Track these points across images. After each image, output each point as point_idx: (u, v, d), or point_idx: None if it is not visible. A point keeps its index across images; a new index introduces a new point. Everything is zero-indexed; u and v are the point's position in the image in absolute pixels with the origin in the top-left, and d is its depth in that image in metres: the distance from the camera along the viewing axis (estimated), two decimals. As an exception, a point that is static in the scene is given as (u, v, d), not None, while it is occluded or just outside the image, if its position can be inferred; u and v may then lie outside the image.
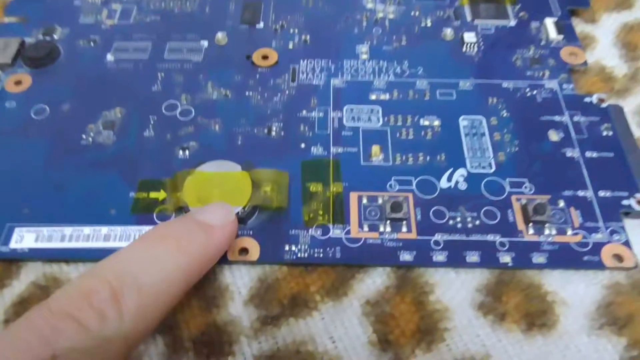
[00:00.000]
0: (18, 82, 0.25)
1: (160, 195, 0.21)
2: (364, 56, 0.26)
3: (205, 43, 0.26)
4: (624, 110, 0.23)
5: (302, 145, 0.22)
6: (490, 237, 0.20)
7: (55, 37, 0.27)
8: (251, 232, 0.20)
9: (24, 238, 0.20)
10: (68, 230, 0.20)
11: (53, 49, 0.26)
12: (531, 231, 0.20)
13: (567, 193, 0.21)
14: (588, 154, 0.22)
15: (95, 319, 0.13)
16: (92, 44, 0.26)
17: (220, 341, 0.18)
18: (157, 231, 0.17)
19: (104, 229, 0.20)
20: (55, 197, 0.21)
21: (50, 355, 0.12)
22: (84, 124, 0.23)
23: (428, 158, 0.22)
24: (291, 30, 0.27)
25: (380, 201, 0.21)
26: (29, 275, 0.20)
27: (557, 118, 0.23)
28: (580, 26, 0.28)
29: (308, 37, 0.26)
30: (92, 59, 0.26)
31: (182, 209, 0.20)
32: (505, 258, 0.19)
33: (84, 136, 0.23)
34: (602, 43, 0.27)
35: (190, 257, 0.16)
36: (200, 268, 0.17)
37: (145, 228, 0.20)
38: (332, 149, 0.22)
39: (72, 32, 0.27)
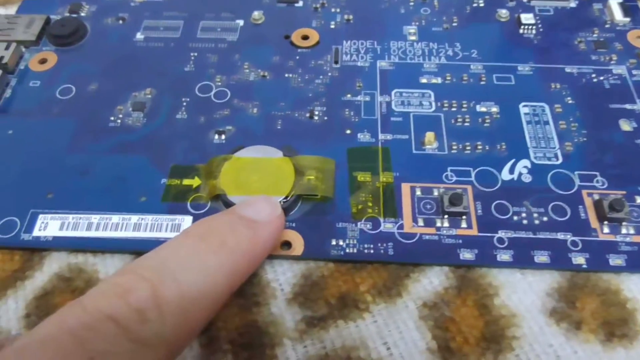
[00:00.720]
0: (43, 61, 0.23)
1: (194, 182, 0.19)
2: (412, 37, 0.24)
3: (240, 22, 0.25)
4: (702, 99, 0.21)
5: (348, 131, 0.20)
6: (560, 236, 0.18)
7: (82, 14, 0.25)
8: (294, 225, 0.18)
9: (48, 225, 0.18)
10: (95, 218, 0.18)
11: (80, 27, 0.24)
12: (606, 230, 0.18)
13: (645, 188, 0.19)
14: (667, 145, 0.20)
15: (135, 320, 0.12)
16: (120, 21, 0.25)
17: (262, 343, 0.16)
18: (199, 228, 0.15)
19: (134, 218, 0.18)
20: (81, 182, 0.19)
21: (86, 357, 0.10)
22: (112, 105, 0.22)
23: (487, 147, 0.20)
24: (332, 9, 0.25)
25: (436, 193, 0.19)
26: (52, 265, 0.18)
27: (628, 106, 0.21)
28: (645, 9, 0.25)
29: (351, 16, 0.25)
30: (120, 38, 0.24)
31: (218, 198, 0.18)
32: (579, 259, 0.17)
33: (112, 118, 0.21)
34: (671, 27, 0.25)
35: (235, 256, 0.14)
36: (246, 268, 0.15)
37: (178, 217, 0.18)
38: (381, 136, 0.20)
39: (100, 9, 0.26)
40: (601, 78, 0.22)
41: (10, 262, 0.18)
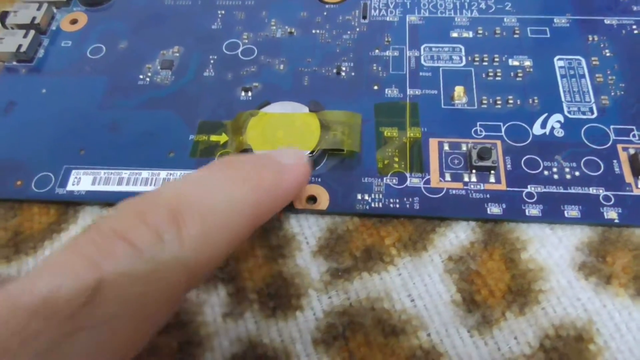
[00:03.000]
0: (74, 21, 0.24)
1: (222, 138, 0.19)
2: (443, -10, 0.23)
3: (268, -22, 0.24)
4: None
5: (375, 87, 0.20)
6: (592, 191, 0.17)
7: (111, -27, 0.25)
8: (320, 179, 0.18)
9: (81, 180, 0.19)
10: (126, 173, 0.19)
11: (109, -14, 0.24)
12: (642, 184, 0.17)
13: (685, 142, 0.18)
14: None
15: (150, 240, 0.11)
16: (148, -20, 0.25)
17: (287, 294, 0.16)
18: (224, 161, 0.15)
19: (163, 173, 0.19)
20: (112, 138, 0.20)
21: (96, 278, 0.10)
22: (141, 64, 0.22)
23: (519, 102, 0.19)
24: (361, -36, 0.24)
25: (464, 148, 0.18)
26: (85, 219, 0.19)
27: (671, 57, 0.20)
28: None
29: (380, -30, 0.24)
30: (148, -3, 0.24)
31: (245, 152, 0.19)
32: (612, 214, 0.17)
33: (141, 76, 0.22)
34: None
35: (258, 192, 0.14)
36: (269, 206, 0.14)
37: (206, 172, 0.19)
38: (409, 91, 0.20)
39: (128, -32, 0.26)
40: (643, 29, 0.21)
41: (46, 215, 0.19)
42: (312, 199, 0.18)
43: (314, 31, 0.22)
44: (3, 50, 0.22)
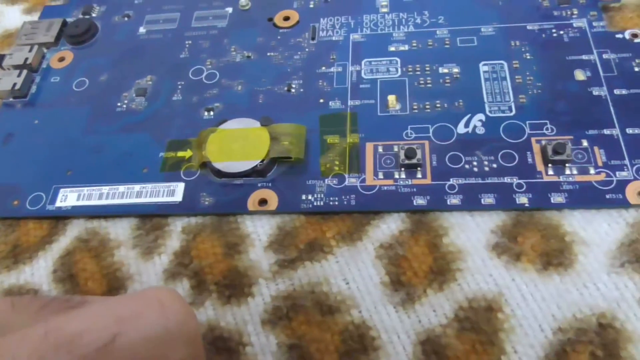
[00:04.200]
0: (61, 59, 0.27)
1: (187, 153, 0.22)
2: (384, 9, 0.25)
3: (229, 9, 0.27)
4: (659, 45, 0.22)
5: (321, 100, 0.23)
6: (507, 180, 0.19)
7: (94, 14, 0.29)
8: (270, 184, 0.21)
9: (68, 197, 0.22)
10: (105, 189, 0.22)
11: (91, 26, 0.28)
12: (551, 172, 0.19)
13: (591, 132, 0.20)
14: (617, 91, 0.21)
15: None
16: (126, 18, 0.28)
17: (241, 284, 0.19)
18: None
19: (137, 187, 0.22)
20: (94, 159, 0.23)
21: (114, 332, 0.12)
22: (119, 93, 0.25)
23: (446, 105, 0.22)
24: (312, -10, 0.27)
25: (395, 149, 0.21)
26: (73, 230, 0.22)
27: (584, 57, 0.22)
28: (618, -39, 0.26)
29: (329, -5, 0.27)
30: (126, 33, 0.27)
31: (205, 165, 0.21)
32: (522, 199, 0.19)
33: (119, 104, 0.24)
34: (641, -23, 0.25)
35: None
36: None
37: (172, 184, 0.21)
38: (350, 102, 0.22)
39: (109, 8, 0.29)
40: (561, 32, 0.23)
41: (39, 229, 0.22)
42: (264, 201, 0.20)
43: (268, 54, 0.25)
44: (1, 89, 0.25)
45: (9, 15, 0.31)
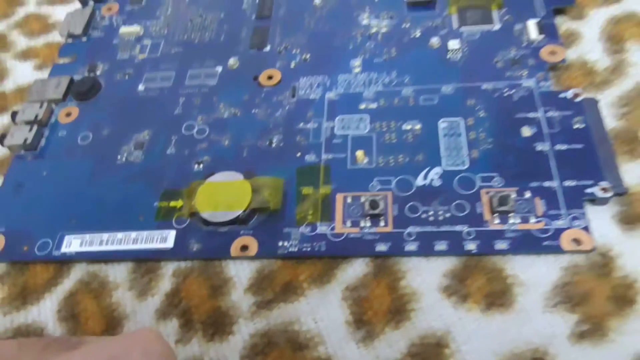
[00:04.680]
0: (68, 114, 0.30)
1: (178, 203, 0.25)
2: (357, 69, 0.28)
3: (219, 68, 0.30)
4: (597, 103, 0.25)
5: (298, 154, 0.26)
6: (458, 228, 0.22)
7: (98, 72, 0.32)
8: (251, 232, 0.23)
9: (72, 244, 0.25)
10: (105, 235, 0.24)
11: (95, 84, 0.31)
12: (497, 221, 0.22)
13: (533, 184, 0.23)
14: (558, 146, 0.24)
15: None
16: (127, 76, 0.31)
17: (224, 323, 0.21)
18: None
19: (133, 234, 0.24)
20: (96, 208, 0.26)
21: None
22: (119, 146, 0.28)
23: (407, 159, 0.24)
24: (294, 51, 0.30)
25: (362, 200, 0.23)
26: (76, 273, 0.24)
27: (531, 114, 0.25)
28: (566, 24, 0.29)
29: (308, 55, 0.30)
30: (127, 90, 0.30)
31: (194, 214, 0.24)
32: (470, 245, 0.21)
33: (119, 157, 0.27)
34: (586, 38, 0.28)
35: None
36: None
37: (165, 232, 0.24)
38: (324, 156, 0.25)
39: (111, 67, 0.32)
40: (512, 92, 0.26)
41: (46, 273, 0.24)
42: (245, 247, 0.23)
43: (253, 110, 0.28)
44: (14, 143, 0.28)
45: (21, 71, 0.34)
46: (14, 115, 0.30)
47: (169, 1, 0.35)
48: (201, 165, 0.26)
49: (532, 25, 0.28)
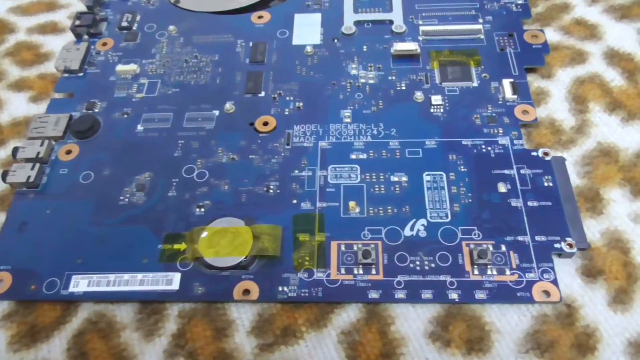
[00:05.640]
0: (68, 152, 0.31)
1: (182, 246, 0.27)
2: (347, 120, 0.31)
3: (216, 112, 0.32)
4: (565, 162, 0.28)
5: (294, 201, 0.28)
6: (442, 277, 0.24)
7: (96, 110, 0.33)
8: (252, 277, 0.25)
9: (79, 283, 0.26)
10: (112, 276, 0.26)
11: (95, 122, 0.32)
12: (476, 272, 0.24)
13: (508, 238, 0.25)
14: (530, 203, 0.26)
15: None
16: (125, 115, 0.32)
17: (228, 364, 0.23)
18: None
19: (139, 275, 0.26)
20: (100, 249, 0.27)
21: None
22: (121, 187, 0.29)
23: (395, 210, 0.27)
24: (287, 98, 0.32)
25: (355, 248, 0.26)
26: (83, 313, 0.26)
27: (506, 171, 0.28)
28: (536, 82, 0.32)
29: (301, 104, 0.32)
30: (126, 130, 0.32)
31: (198, 259, 0.26)
32: (453, 295, 0.24)
33: (121, 198, 0.29)
34: (555, 97, 0.31)
35: None
36: None
37: (170, 274, 0.26)
38: (318, 204, 0.27)
39: (109, 105, 0.33)
40: (489, 148, 0.29)
41: (54, 312, 0.26)
42: (247, 291, 0.25)
43: (250, 156, 0.30)
44: (16, 180, 0.29)
45: (15, 103, 0.35)
46: (15, 151, 0.30)
47: (164, 40, 0.36)
48: (202, 210, 0.28)
49: (507, 85, 0.31)
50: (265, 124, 0.31)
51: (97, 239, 0.27)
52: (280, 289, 0.25)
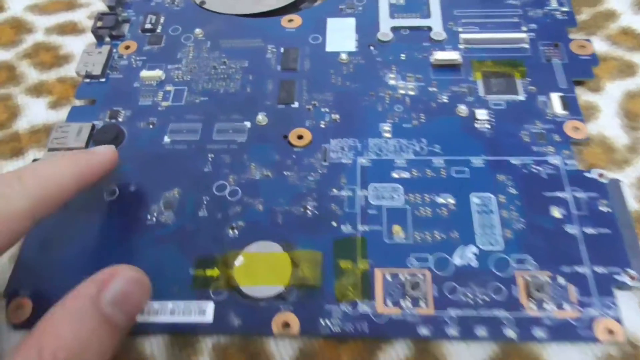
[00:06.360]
0: (90, 165, 0.29)
1: (215, 272, 0.25)
2: (387, 134, 0.29)
3: (248, 124, 0.30)
4: (621, 185, 0.26)
5: (334, 224, 0.26)
6: (496, 312, 0.23)
7: (120, 119, 0.31)
8: (292, 308, 0.24)
9: (106, 311, 0.24)
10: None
11: (119, 133, 0.30)
12: (532, 306, 0.23)
13: (565, 269, 0.24)
14: (586, 230, 0.25)
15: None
16: (150, 126, 0.30)
17: (269, 404, 0.22)
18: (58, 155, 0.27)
19: (170, 304, 0.24)
20: (128, 273, 0.25)
21: None
22: (148, 205, 0.27)
23: (443, 236, 0.25)
24: (322, 109, 0.30)
25: (402, 277, 0.24)
26: (111, 343, 0.24)
27: (559, 194, 0.26)
28: (584, 96, 0.30)
29: (337, 116, 0.30)
30: (152, 141, 0.30)
31: (233, 287, 0.24)
32: (510, 332, 0.22)
33: (149, 216, 0.27)
34: (605, 112, 0.29)
35: (78, 164, 0.24)
36: (87, 173, 0.25)
37: (203, 302, 0.24)
38: (360, 227, 0.26)
39: (133, 114, 0.31)
40: (540, 168, 0.27)
41: (80, 341, 0.24)
42: (287, 325, 0.23)
43: (285, 173, 0.28)
44: (35, 196, 0.28)
45: (34, 109, 0.33)
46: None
47: (190, 44, 0.34)
48: (236, 231, 0.26)
49: (556, 99, 0.29)
50: (300, 137, 0.29)
51: (124, 260, 0.25)
52: (322, 322, 0.23)
